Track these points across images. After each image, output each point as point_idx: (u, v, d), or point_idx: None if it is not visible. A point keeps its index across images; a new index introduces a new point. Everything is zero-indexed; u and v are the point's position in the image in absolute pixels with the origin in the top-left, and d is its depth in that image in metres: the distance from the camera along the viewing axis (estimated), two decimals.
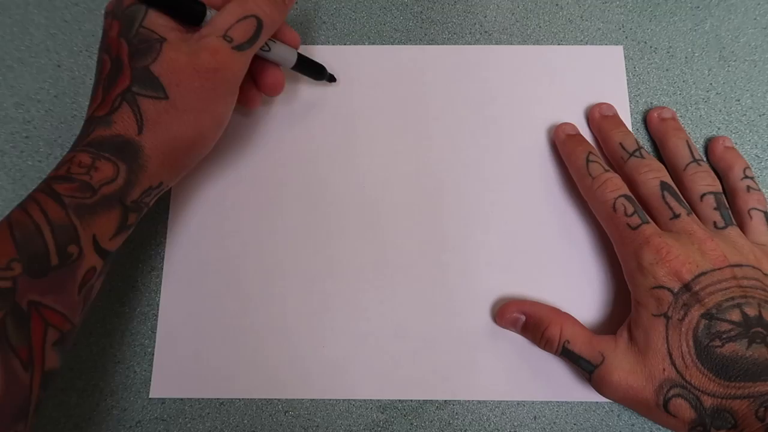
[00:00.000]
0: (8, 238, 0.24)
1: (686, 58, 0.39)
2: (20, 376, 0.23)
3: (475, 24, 0.40)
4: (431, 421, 0.33)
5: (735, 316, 0.27)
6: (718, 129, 0.37)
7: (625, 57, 0.39)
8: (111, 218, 0.27)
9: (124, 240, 0.29)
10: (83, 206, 0.26)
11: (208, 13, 0.29)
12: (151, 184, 0.29)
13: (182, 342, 0.34)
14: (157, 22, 0.28)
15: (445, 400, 0.33)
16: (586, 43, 0.39)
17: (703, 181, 0.32)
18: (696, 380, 0.27)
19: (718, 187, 0.32)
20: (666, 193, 0.31)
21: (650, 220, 0.31)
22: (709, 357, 0.27)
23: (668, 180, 0.32)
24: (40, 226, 0.25)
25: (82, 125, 0.29)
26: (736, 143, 0.36)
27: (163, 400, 0.33)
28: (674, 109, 0.37)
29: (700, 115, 0.38)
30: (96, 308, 0.34)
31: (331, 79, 0.37)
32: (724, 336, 0.27)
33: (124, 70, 0.28)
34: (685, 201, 0.32)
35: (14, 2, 0.40)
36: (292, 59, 0.34)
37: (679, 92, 0.38)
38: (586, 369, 0.30)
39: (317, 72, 0.36)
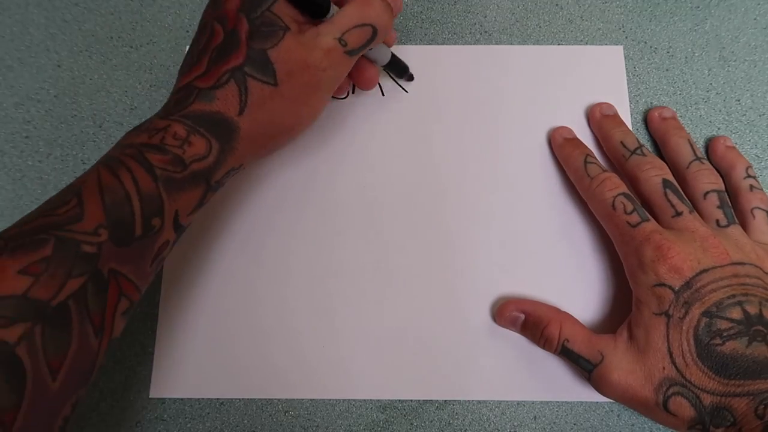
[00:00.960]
0: (99, 202, 0.24)
1: (686, 58, 0.39)
2: (91, 342, 0.23)
3: (475, 24, 0.40)
4: (431, 421, 0.33)
5: (736, 314, 0.27)
6: (718, 129, 0.37)
7: (625, 57, 0.39)
8: (195, 195, 0.27)
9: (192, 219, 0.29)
10: (172, 180, 0.26)
11: (331, 9, 0.29)
12: (235, 165, 0.29)
13: (182, 342, 0.34)
14: (285, 10, 0.28)
15: (445, 400, 0.33)
16: (586, 43, 0.39)
17: (706, 179, 0.32)
18: (696, 378, 0.27)
19: (721, 186, 0.32)
20: (668, 191, 0.31)
21: (650, 217, 0.31)
22: (710, 355, 0.27)
23: (670, 178, 0.32)
24: (129, 195, 0.25)
25: (176, 87, 0.29)
26: (736, 143, 0.36)
27: (163, 400, 0.33)
28: (674, 109, 0.37)
29: (700, 115, 0.38)
30: None
31: (411, 78, 0.38)
32: (725, 334, 0.27)
33: (240, 47, 0.28)
34: (687, 199, 0.32)
35: (14, 2, 0.40)
36: (386, 59, 0.35)
37: (679, 92, 0.38)
38: (586, 368, 0.30)
39: (402, 71, 0.37)
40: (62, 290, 0.22)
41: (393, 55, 0.35)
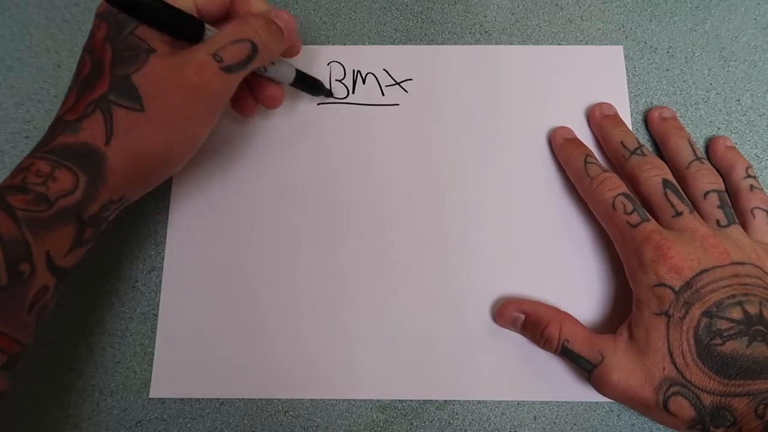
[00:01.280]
0: None
1: (686, 58, 0.39)
2: None
3: (475, 24, 0.40)
4: (431, 421, 0.33)
5: (736, 314, 0.27)
6: (718, 129, 0.37)
7: (625, 57, 0.39)
8: (66, 233, 0.25)
9: (80, 256, 0.27)
10: (37, 220, 0.24)
11: (206, 32, 0.28)
12: (112, 198, 0.27)
13: (182, 342, 0.34)
14: (150, 32, 0.27)
15: (445, 400, 0.33)
16: (586, 43, 0.39)
17: (707, 179, 0.32)
18: (696, 378, 0.27)
19: (722, 186, 0.32)
20: (668, 191, 0.31)
21: (650, 217, 0.31)
22: (710, 355, 0.27)
23: (670, 178, 0.32)
24: None
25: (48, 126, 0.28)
26: (736, 143, 0.36)
27: (163, 400, 0.33)
28: (674, 109, 0.37)
29: (700, 115, 0.38)
30: (96, 308, 0.34)
31: (329, 94, 0.37)
32: (725, 334, 0.27)
33: (103, 75, 0.27)
34: (687, 199, 0.32)
35: (14, 2, 0.40)
36: (290, 77, 0.33)
37: (679, 92, 0.38)
38: (586, 368, 0.30)
39: (315, 88, 0.36)
40: None
41: (299, 72, 0.34)
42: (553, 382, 0.33)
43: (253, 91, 0.34)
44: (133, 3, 0.26)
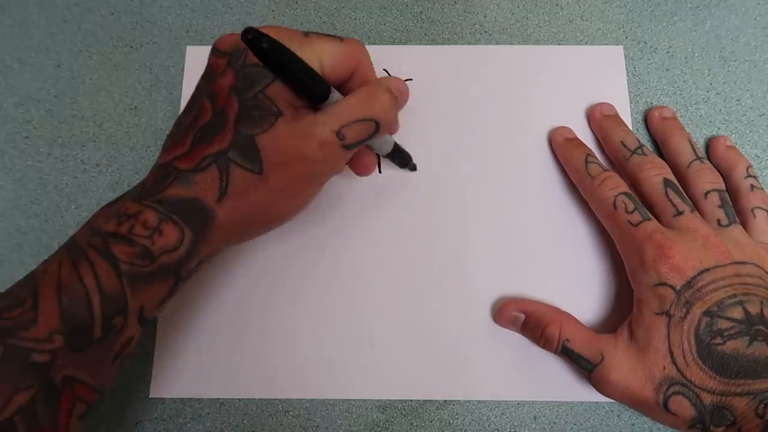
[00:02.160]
0: (55, 303, 0.22)
1: (686, 58, 0.39)
2: None
3: (475, 24, 0.40)
4: (431, 421, 0.33)
5: (737, 313, 0.27)
6: (718, 129, 0.37)
7: (625, 57, 0.39)
8: (162, 289, 0.25)
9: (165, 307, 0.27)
10: (139, 275, 0.24)
11: (331, 95, 0.27)
12: (210, 253, 0.27)
13: (182, 342, 0.34)
14: (279, 93, 0.26)
15: (445, 400, 0.33)
16: (586, 43, 0.39)
17: (707, 179, 0.32)
18: (696, 378, 0.27)
19: (722, 185, 0.32)
20: (669, 190, 0.31)
21: (651, 216, 0.31)
22: (711, 355, 0.27)
23: (671, 177, 0.32)
24: (89, 294, 0.23)
25: (156, 164, 0.27)
26: (736, 143, 0.36)
27: (163, 400, 0.33)
28: (674, 109, 0.37)
29: (700, 115, 0.38)
30: None
31: (414, 168, 0.36)
32: (726, 334, 0.27)
33: (226, 130, 0.25)
34: (688, 198, 0.32)
35: (14, 2, 0.40)
36: (388, 149, 0.32)
37: (679, 92, 0.38)
38: (586, 368, 0.30)
39: (405, 161, 0.35)
40: (8, 406, 0.21)
41: (396, 145, 0.33)
42: (553, 382, 0.33)
43: None
44: (279, 56, 0.24)
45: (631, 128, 0.36)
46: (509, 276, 0.34)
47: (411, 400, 0.33)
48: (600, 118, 0.36)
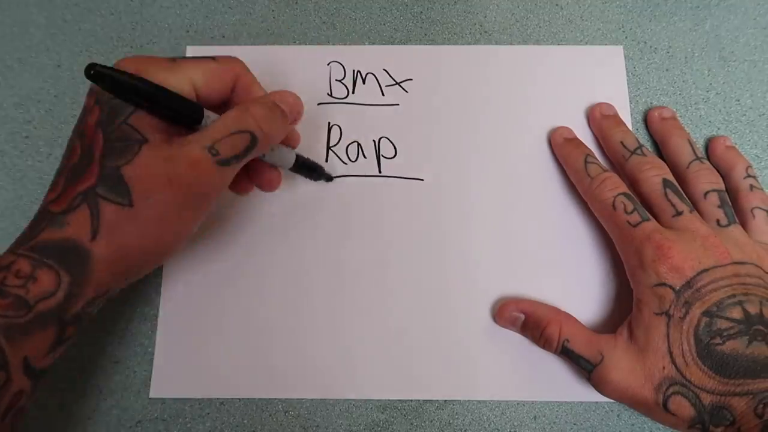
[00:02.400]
0: None
1: (686, 58, 0.39)
2: None
3: (475, 24, 0.40)
4: (431, 421, 0.33)
5: (736, 313, 0.27)
6: (718, 129, 0.37)
7: (625, 57, 0.39)
8: (46, 336, 0.24)
9: (60, 354, 0.25)
10: (14, 326, 0.23)
11: (205, 118, 0.26)
12: (97, 294, 0.25)
13: (182, 342, 0.34)
14: (144, 120, 0.25)
15: (445, 400, 0.33)
16: (586, 43, 0.39)
17: (707, 179, 0.32)
18: (696, 378, 0.27)
19: (722, 185, 0.32)
20: (668, 191, 0.31)
21: (651, 217, 0.31)
22: (710, 355, 0.27)
23: (670, 177, 0.32)
24: None
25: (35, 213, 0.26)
26: (736, 143, 0.36)
27: (163, 400, 0.33)
28: (674, 109, 0.37)
29: (700, 115, 0.38)
30: None
31: (329, 179, 0.36)
32: (725, 334, 0.27)
33: (92, 166, 0.25)
34: (687, 198, 0.32)
35: (14, 2, 0.40)
36: (290, 163, 0.32)
37: (679, 92, 0.38)
38: (586, 368, 0.30)
39: (315, 172, 0.34)
40: None
41: (299, 157, 0.32)
42: (553, 382, 0.33)
43: (248, 173, 0.32)
44: (128, 87, 0.24)
45: (630, 128, 0.36)
46: (509, 276, 0.34)
47: (411, 400, 0.33)
48: (599, 118, 0.36)
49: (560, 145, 0.36)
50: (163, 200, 0.25)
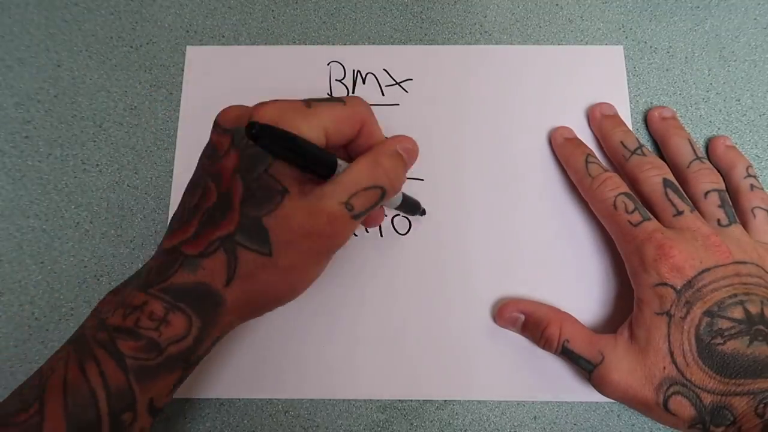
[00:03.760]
0: (60, 406, 0.22)
1: (686, 58, 0.39)
2: None
3: (475, 24, 0.40)
4: (431, 421, 0.33)
5: (737, 313, 0.27)
6: (718, 129, 0.37)
7: (625, 57, 0.39)
8: (171, 379, 0.25)
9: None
10: (146, 368, 0.24)
11: (337, 167, 0.26)
12: (220, 334, 0.26)
13: None
14: (284, 170, 0.25)
15: (445, 400, 0.33)
16: (586, 43, 0.39)
17: (707, 179, 0.32)
18: (696, 378, 0.27)
19: (722, 185, 0.32)
20: (669, 191, 0.31)
21: (652, 217, 0.31)
22: (711, 355, 0.27)
23: (671, 177, 0.32)
24: (95, 393, 0.23)
25: (161, 248, 0.26)
26: (736, 143, 0.36)
27: None
28: (674, 109, 0.37)
29: (700, 115, 0.38)
30: None
31: (423, 213, 0.35)
32: (726, 334, 0.27)
33: (232, 213, 0.25)
34: (688, 198, 0.32)
35: (14, 2, 0.40)
36: (397, 202, 0.31)
37: (679, 92, 0.38)
38: (586, 368, 0.30)
39: (414, 209, 0.34)
40: None
41: (404, 197, 0.32)
42: (553, 382, 0.33)
43: None
44: (278, 139, 0.23)
45: (631, 128, 0.36)
46: (509, 276, 0.34)
47: (411, 400, 0.33)
48: (600, 118, 0.36)
49: (561, 144, 0.36)
50: (301, 250, 0.25)
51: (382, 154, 0.27)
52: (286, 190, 0.25)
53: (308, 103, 0.26)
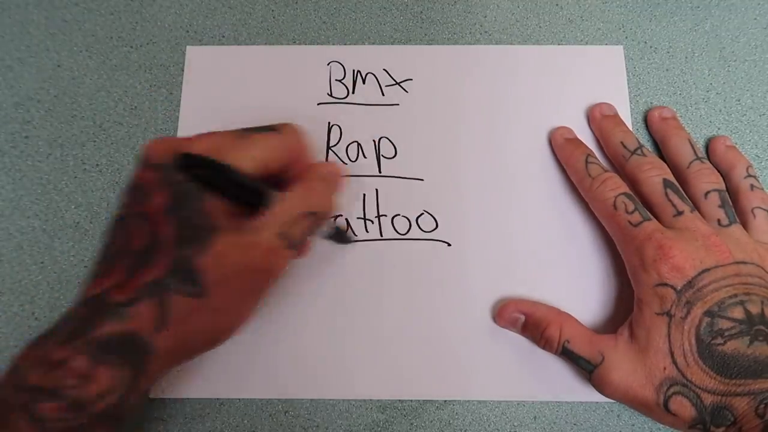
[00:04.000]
0: None
1: (686, 58, 0.39)
2: None
3: (475, 24, 0.40)
4: (431, 421, 0.33)
5: (738, 313, 0.27)
6: (718, 129, 0.37)
7: (625, 57, 0.39)
8: None
9: None
10: (71, 429, 0.22)
11: (272, 197, 0.26)
12: (151, 384, 0.25)
13: None
14: (216, 206, 0.24)
15: (445, 400, 0.33)
16: (586, 43, 0.39)
17: (707, 179, 0.32)
18: (697, 378, 0.27)
19: (722, 185, 0.32)
20: (669, 191, 0.31)
21: (652, 217, 0.31)
22: (711, 355, 0.27)
23: (671, 177, 0.32)
24: None
25: (85, 296, 0.24)
26: (736, 143, 0.36)
27: (163, 400, 0.33)
28: (674, 109, 0.37)
29: (700, 115, 0.38)
30: None
31: (348, 241, 0.35)
32: (726, 334, 0.27)
33: (162, 255, 0.23)
34: (688, 198, 0.32)
35: (14, 2, 0.40)
36: (325, 233, 0.32)
37: (679, 92, 0.38)
38: (586, 368, 0.30)
39: (343, 239, 0.34)
40: None
41: (337, 228, 0.33)
42: (553, 382, 0.33)
43: None
44: (208, 169, 0.23)
45: (631, 128, 0.36)
46: (509, 276, 0.34)
47: (411, 400, 0.33)
48: (600, 118, 0.36)
49: (561, 145, 0.36)
50: (235, 289, 0.25)
51: (312, 179, 0.27)
52: (219, 227, 0.24)
53: (242, 133, 0.26)
